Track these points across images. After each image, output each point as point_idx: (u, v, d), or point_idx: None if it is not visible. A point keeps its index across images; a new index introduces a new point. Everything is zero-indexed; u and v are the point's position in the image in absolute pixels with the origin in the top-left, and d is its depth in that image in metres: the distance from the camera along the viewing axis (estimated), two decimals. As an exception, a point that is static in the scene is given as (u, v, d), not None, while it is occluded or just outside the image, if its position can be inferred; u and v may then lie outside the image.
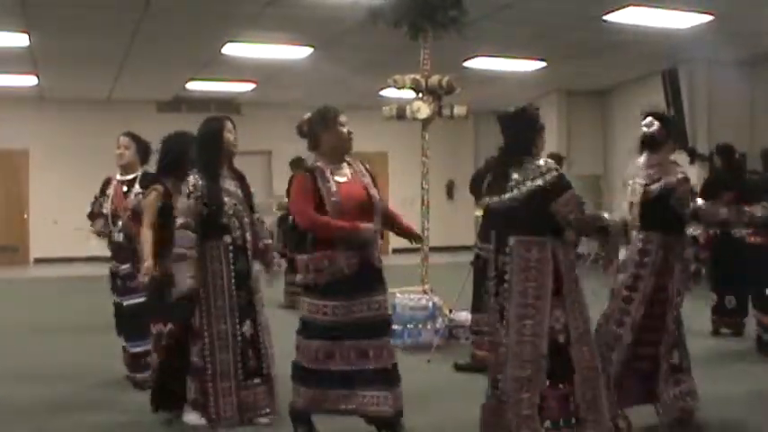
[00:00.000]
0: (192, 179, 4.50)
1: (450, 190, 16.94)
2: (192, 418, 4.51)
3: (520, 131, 4.16)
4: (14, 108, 14.70)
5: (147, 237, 4.79)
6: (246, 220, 4.61)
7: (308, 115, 4.33)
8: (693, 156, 11.78)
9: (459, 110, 7.34)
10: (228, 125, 4.72)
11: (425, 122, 7.30)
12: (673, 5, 8.90)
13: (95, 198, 5.76)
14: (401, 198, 14.68)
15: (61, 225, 13.72)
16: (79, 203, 7.44)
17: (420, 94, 7.23)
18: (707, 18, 9.34)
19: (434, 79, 7.13)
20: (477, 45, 10.21)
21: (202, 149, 4.66)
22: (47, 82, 13.36)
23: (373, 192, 4.27)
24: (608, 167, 14.90)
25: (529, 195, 3.88)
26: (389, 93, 11.53)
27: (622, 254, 4.51)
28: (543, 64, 12.30)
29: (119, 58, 11.51)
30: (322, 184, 4.13)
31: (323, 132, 4.26)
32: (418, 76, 7.17)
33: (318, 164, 4.24)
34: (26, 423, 4.84)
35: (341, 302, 4.07)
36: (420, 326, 6.84)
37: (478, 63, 11.87)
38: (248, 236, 4.59)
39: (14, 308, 9.70)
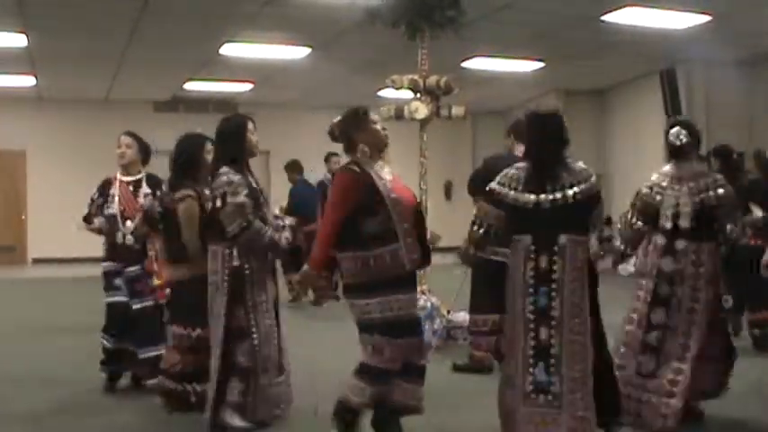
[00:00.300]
0: (234, 176, 4.34)
1: (448, 190, 16.94)
2: (236, 421, 4.36)
3: (557, 133, 4.17)
4: (12, 108, 14.70)
5: (193, 242, 4.68)
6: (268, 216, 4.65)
7: (337, 118, 4.25)
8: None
9: (458, 110, 7.34)
10: (251, 125, 4.58)
11: (423, 123, 7.29)
12: (670, 6, 8.91)
13: (92, 200, 5.57)
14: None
15: (60, 225, 13.72)
16: (77, 203, 7.42)
17: (418, 95, 7.22)
18: (705, 18, 9.35)
19: (432, 80, 7.12)
20: (476, 45, 10.22)
21: (227, 145, 4.53)
22: (45, 82, 13.35)
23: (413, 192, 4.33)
24: (606, 167, 14.89)
25: (582, 197, 3.89)
26: (387, 93, 11.53)
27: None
28: (541, 64, 12.30)
29: (116, 59, 11.51)
30: (378, 181, 4.05)
31: (357, 133, 4.14)
32: (416, 77, 7.16)
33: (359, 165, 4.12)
34: (25, 425, 4.83)
35: (402, 296, 4.06)
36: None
37: (477, 63, 11.87)
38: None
39: (13, 308, 9.69)
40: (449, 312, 6.99)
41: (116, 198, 5.44)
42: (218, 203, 4.32)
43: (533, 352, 3.81)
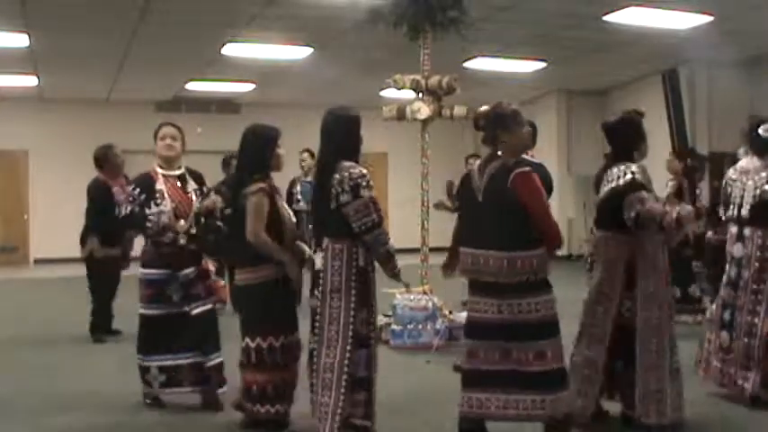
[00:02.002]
0: (363, 169, 4.12)
1: (450, 190, 16.92)
2: None
3: (621, 138, 4.54)
4: (14, 108, 14.71)
5: (266, 240, 4.33)
6: None
7: (485, 108, 4.23)
8: (693, 157, 11.77)
9: (459, 110, 7.34)
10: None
11: (425, 123, 7.30)
12: (672, 6, 8.90)
13: (133, 198, 4.99)
14: (401, 199, 14.72)
15: (62, 225, 13.73)
16: (79, 203, 7.46)
17: (420, 95, 7.23)
18: (707, 18, 9.34)
19: (434, 80, 7.12)
20: (478, 45, 10.20)
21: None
22: (47, 82, 13.36)
23: None
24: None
25: (606, 196, 4.35)
26: (389, 93, 11.53)
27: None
28: (543, 64, 12.30)
29: (118, 59, 11.51)
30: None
31: (505, 132, 4.11)
32: (418, 77, 7.17)
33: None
34: (27, 425, 4.83)
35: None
36: (420, 326, 6.84)
37: (478, 63, 11.87)
38: None
39: (14, 308, 9.69)
40: (450, 312, 6.99)
41: (165, 194, 4.95)
42: (347, 197, 4.02)
43: None
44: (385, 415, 4.72)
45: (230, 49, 10.87)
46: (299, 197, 9.07)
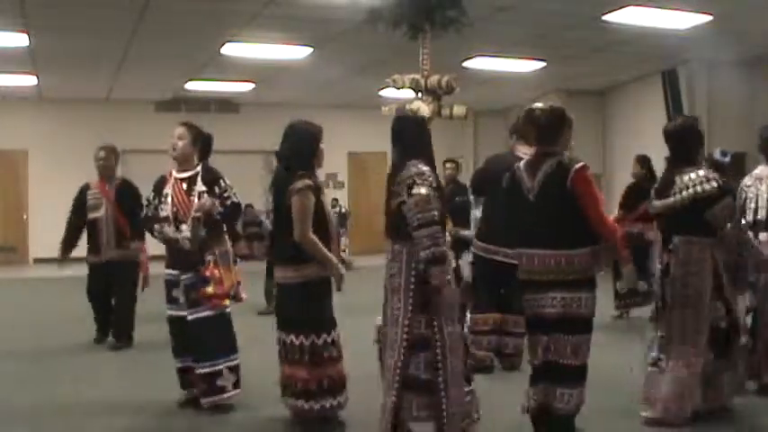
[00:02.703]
0: (424, 167, 4.02)
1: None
2: None
3: (684, 142, 4.64)
4: (14, 108, 14.72)
5: (314, 241, 4.29)
6: None
7: (540, 105, 4.34)
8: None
9: (459, 110, 7.33)
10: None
11: (425, 122, 7.28)
12: (672, 6, 8.90)
13: (148, 201, 4.97)
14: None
15: (60, 225, 13.71)
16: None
17: (419, 94, 7.22)
18: (706, 18, 9.34)
19: (434, 79, 7.12)
20: (477, 45, 10.22)
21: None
22: (46, 82, 13.36)
23: None
24: (607, 167, 14.89)
25: (689, 201, 4.45)
26: (389, 93, 11.53)
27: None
28: (543, 64, 12.30)
29: (118, 58, 11.51)
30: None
31: (570, 130, 4.30)
32: (418, 76, 7.16)
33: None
34: (26, 425, 4.83)
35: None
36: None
37: (478, 63, 11.86)
38: None
39: (14, 308, 9.69)
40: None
41: (169, 198, 4.88)
42: (404, 195, 3.96)
43: None
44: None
45: (230, 49, 10.87)
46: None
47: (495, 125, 16.10)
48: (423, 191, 3.91)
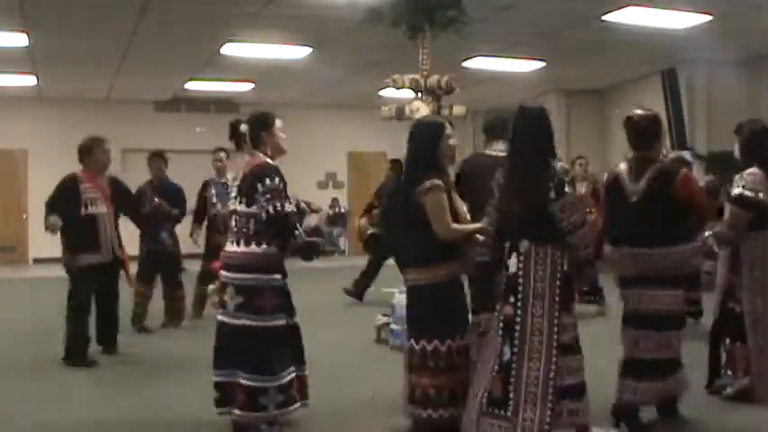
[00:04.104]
0: (559, 166, 3.93)
1: (449, 190, 16.95)
2: None
3: (763, 145, 4.90)
4: (13, 108, 14.72)
5: (458, 229, 4.14)
6: None
7: (642, 111, 4.54)
8: (692, 156, 11.80)
9: (458, 110, 7.33)
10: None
11: (424, 122, 7.28)
12: (671, 6, 8.91)
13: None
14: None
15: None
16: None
17: (419, 94, 7.21)
18: (706, 18, 9.35)
19: (433, 79, 7.11)
20: (477, 45, 10.21)
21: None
22: (46, 82, 13.36)
23: None
24: (606, 167, 14.89)
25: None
26: (388, 93, 11.52)
27: None
28: (542, 64, 12.30)
29: (118, 58, 11.51)
30: None
31: (660, 136, 4.60)
32: (417, 76, 7.16)
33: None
34: (25, 421, 4.83)
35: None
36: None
37: (478, 63, 11.87)
38: None
39: (13, 308, 9.69)
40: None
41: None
42: (552, 194, 3.80)
43: None
44: (385, 415, 4.72)
45: (229, 49, 10.87)
46: (215, 200, 8.28)
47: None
48: (573, 191, 3.89)
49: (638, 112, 4.51)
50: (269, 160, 4.47)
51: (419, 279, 4.20)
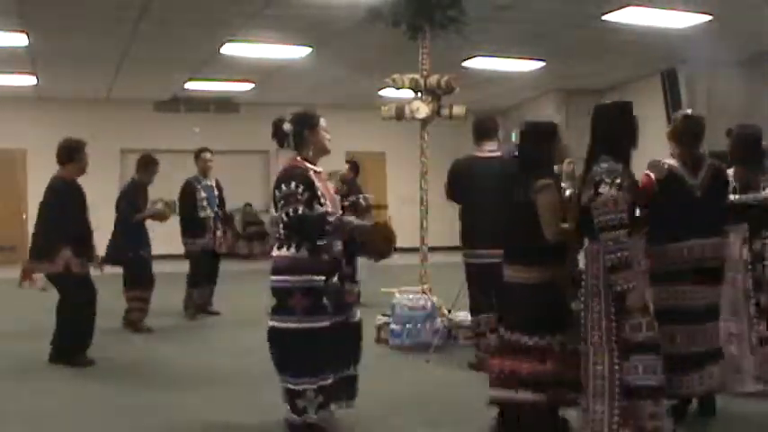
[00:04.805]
0: (615, 165, 3.88)
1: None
2: None
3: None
4: (13, 108, 14.71)
5: (565, 230, 4.14)
6: None
7: (690, 112, 4.81)
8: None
9: (458, 110, 7.33)
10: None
11: (424, 122, 7.29)
12: (671, 6, 8.91)
13: (297, 196, 4.27)
14: (399, 198, 14.71)
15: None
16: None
17: (419, 94, 7.22)
18: (705, 18, 9.35)
19: (433, 79, 7.11)
20: (477, 45, 10.20)
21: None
22: (45, 82, 13.35)
23: None
24: (607, 167, 14.88)
25: None
26: (388, 92, 11.52)
27: None
28: (542, 64, 12.30)
29: (117, 58, 11.51)
30: None
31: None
32: (417, 76, 7.16)
33: None
34: (24, 423, 4.83)
35: None
36: (419, 326, 6.83)
37: (477, 63, 11.87)
38: None
39: (13, 308, 9.68)
40: (449, 312, 6.99)
41: (322, 192, 4.43)
42: (589, 194, 3.85)
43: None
44: (385, 414, 4.73)
45: (229, 49, 10.86)
46: (205, 203, 8.36)
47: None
48: (611, 191, 3.77)
49: (691, 112, 4.83)
50: (298, 162, 4.43)
51: (518, 276, 4.26)
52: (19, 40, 10.00)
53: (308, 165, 4.41)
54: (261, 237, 15.89)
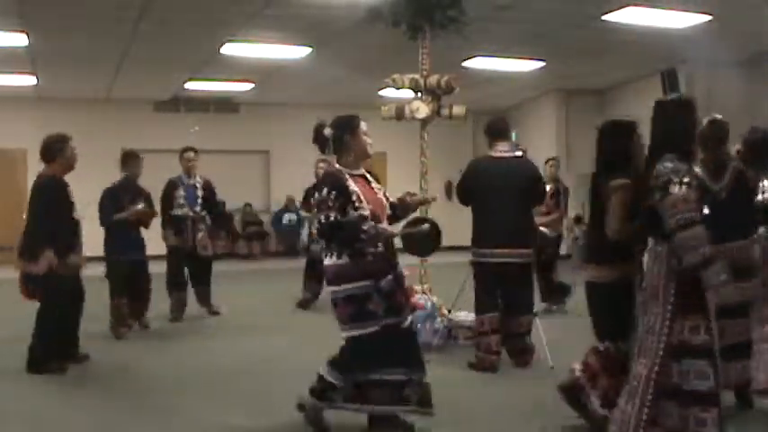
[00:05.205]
0: (681, 164, 3.78)
1: (448, 190, 16.94)
2: None
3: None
4: (13, 108, 14.72)
5: (627, 230, 4.11)
6: None
7: (718, 116, 4.76)
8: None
9: (458, 110, 7.33)
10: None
11: (424, 122, 7.29)
12: (671, 5, 8.91)
13: (331, 201, 4.24)
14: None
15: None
16: (78, 203, 7.38)
17: (419, 94, 7.22)
18: (705, 18, 9.34)
19: (433, 79, 7.11)
20: (477, 45, 10.20)
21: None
22: (45, 82, 13.35)
23: None
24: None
25: None
26: (388, 93, 11.52)
27: None
28: (542, 64, 12.30)
29: (117, 58, 11.50)
30: None
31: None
32: (417, 76, 7.16)
33: None
34: (24, 421, 4.82)
35: None
36: (419, 326, 6.81)
37: (477, 63, 11.87)
38: None
39: (12, 308, 9.67)
40: (449, 312, 6.99)
41: (360, 196, 4.33)
42: (659, 193, 3.75)
43: None
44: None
45: (229, 49, 10.86)
46: (182, 201, 8.33)
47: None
48: (681, 190, 3.69)
49: (717, 117, 4.79)
50: (333, 168, 4.45)
51: (596, 276, 4.31)
52: (19, 40, 10.00)
53: (345, 169, 4.36)
54: (261, 237, 15.90)
